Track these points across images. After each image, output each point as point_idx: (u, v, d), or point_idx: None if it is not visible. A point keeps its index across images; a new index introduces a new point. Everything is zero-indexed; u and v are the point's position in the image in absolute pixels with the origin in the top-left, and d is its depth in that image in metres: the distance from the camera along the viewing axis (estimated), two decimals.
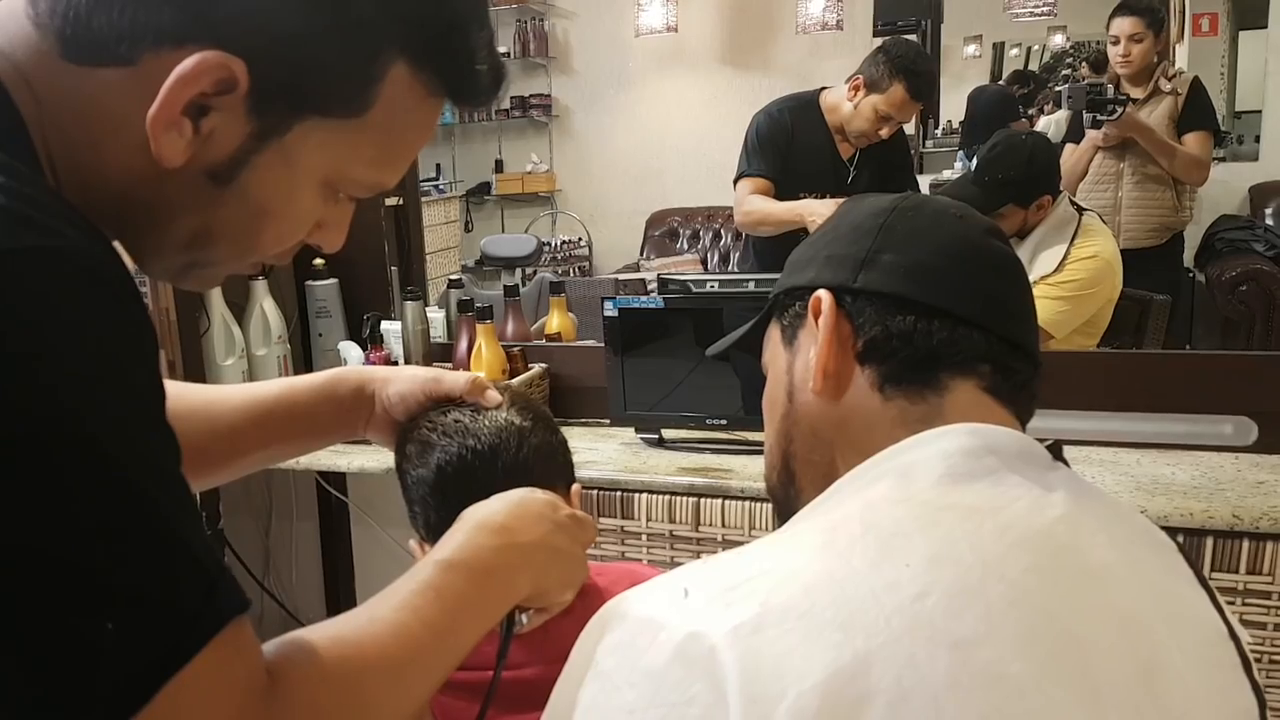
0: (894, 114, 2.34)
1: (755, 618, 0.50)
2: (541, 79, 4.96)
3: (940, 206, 0.70)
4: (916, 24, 4.34)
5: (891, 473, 0.60)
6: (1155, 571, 0.60)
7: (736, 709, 0.48)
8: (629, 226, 4.50)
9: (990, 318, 0.64)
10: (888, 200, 0.70)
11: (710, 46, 4.52)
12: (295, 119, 0.57)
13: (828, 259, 0.68)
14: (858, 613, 0.50)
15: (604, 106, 4.84)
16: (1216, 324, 2.93)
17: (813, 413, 0.67)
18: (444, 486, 0.86)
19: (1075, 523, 0.57)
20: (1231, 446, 1.63)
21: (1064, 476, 0.61)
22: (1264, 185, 3.29)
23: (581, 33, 4.87)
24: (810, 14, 4.16)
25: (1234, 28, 3.57)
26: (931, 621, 0.50)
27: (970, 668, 0.49)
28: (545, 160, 5.04)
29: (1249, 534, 1.38)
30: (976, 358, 0.63)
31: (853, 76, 2.39)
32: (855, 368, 0.65)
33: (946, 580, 0.52)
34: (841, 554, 0.53)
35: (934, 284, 0.64)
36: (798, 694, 0.48)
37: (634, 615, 0.55)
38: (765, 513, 1.60)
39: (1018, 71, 4.41)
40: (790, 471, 0.70)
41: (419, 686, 0.67)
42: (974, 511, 0.56)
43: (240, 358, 2.00)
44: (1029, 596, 0.52)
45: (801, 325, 0.69)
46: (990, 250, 0.67)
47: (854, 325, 0.65)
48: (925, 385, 0.63)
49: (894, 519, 0.56)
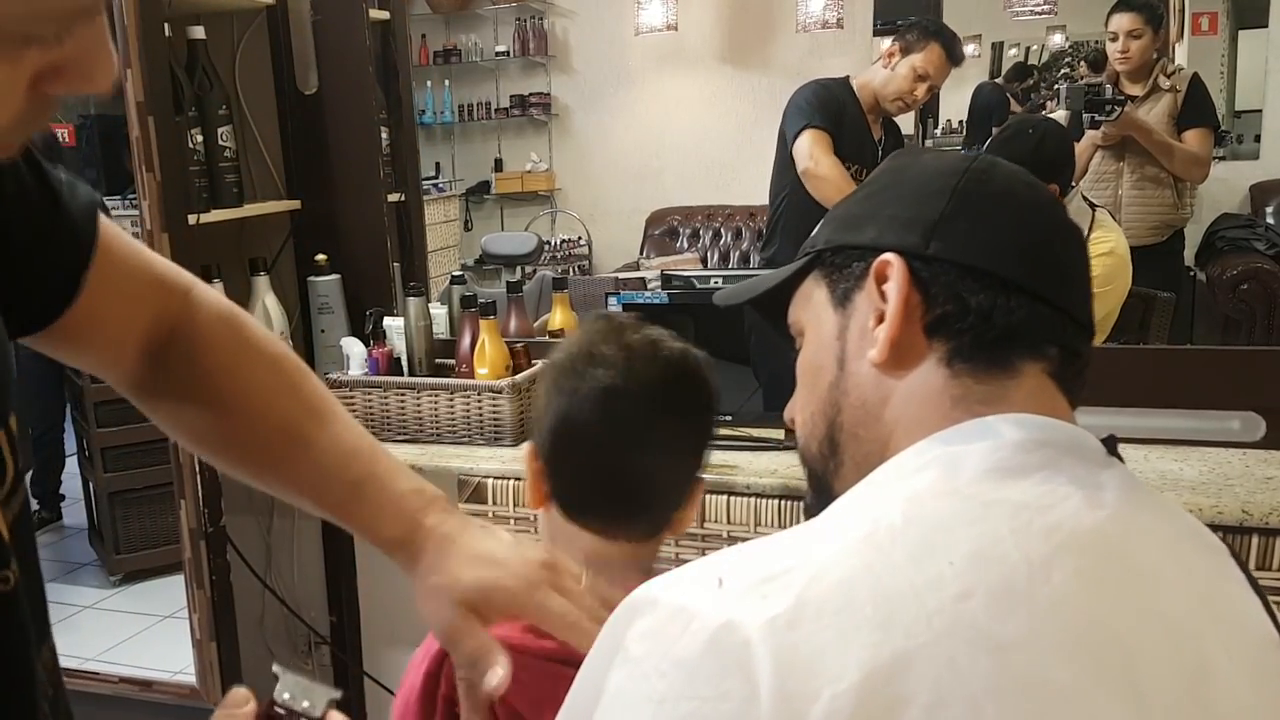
0: (931, 73, 2.45)
1: (791, 611, 0.49)
2: (541, 78, 4.95)
3: (1012, 171, 0.66)
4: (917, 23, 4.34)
5: (938, 462, 0.57)
6: (1205, 574, 0.58)
7: (768, 706, 0.47)
8: (629, 225, 4.49)
9: (1066, 297, 0.61)
10: (957, 160, 0.65)
11: (710, 45, 4.51)
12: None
13: (891, 219, 0.64)
14: (898, 611, 0.48)
15: (604, 105, 4.82)
16: (1217, 322, 2.93)
17: (866, 383, 0.64)
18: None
19: (1125, 522, 0.55)
20: (1239, 442, 1.63)
21: (1117, 474, 0.59)
22: (1264, 184, 3.30)
23: (581, 31, 4.85)
24: (810, 12, 4.15)
25: (1234, 27, 3.57)
26: (974, 623, 0.48)
27: (1012, 672, 0.48)
28: (545, 159, 5.02)
29: (1258, 529, 1.38)
30: (1049, 339, 0.61)
31: (886, 49, 2.50)
32: (922, 340, 0.61)
33: (991, 580, 0.50)
34: (881, 547, 0.51)
35: (1014, 257, 0.61)
36: (832, 695, 0.46)
37: (666, 602, 0.53)
38: (770, 509, 1.60)
39: (1018, 65, 4.41)
40: (834, 443, 0.66)
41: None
42: (1022, 508, 0.53)
43: None
44: (1075, 600, 0.51)
45: (859, 288, 0.64)
46: (1062, 222, 0.64)
47: (924, 295, 0.61)
48: (995, 365, 0.60)
49: (938, 512, 0.54)
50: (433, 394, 1.90)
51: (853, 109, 2.51)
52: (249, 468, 0.81)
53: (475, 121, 5.12)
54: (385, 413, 1.93)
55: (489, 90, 5.10)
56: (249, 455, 0.80)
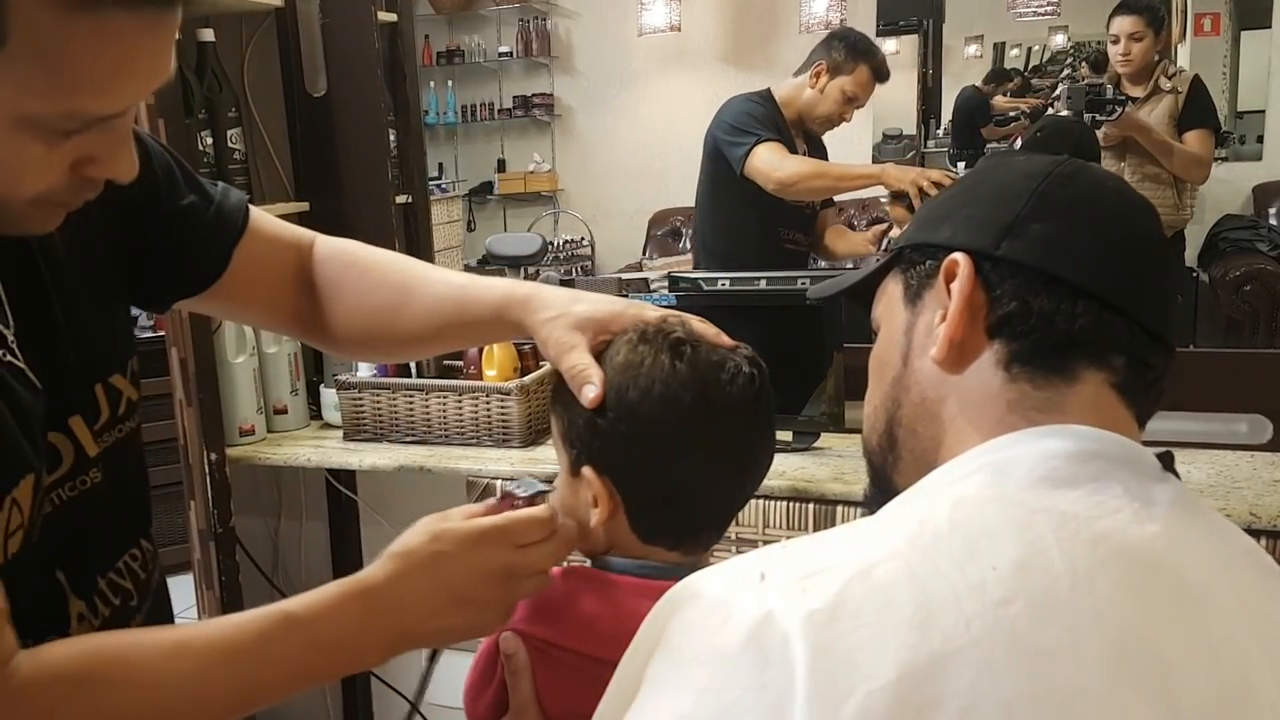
0: (859, 95, 2.46)
1: (831, 607, 0.49)
2: (544, 78, 4.95)
3: (1099, 177, 0.65)
4: (918, 23, 4.34)
5: (987, 468, 0.57)
6: (1259, 596, 0.57)
7: (801, 700, 0.47)
8: (631, 226, 4.49)
9: (1138, 307, 0.60)
10: (1043, 163, 0.65)
11: (713, 46, 4.51)
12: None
13: (968, 219, 0.63)
14: (937, 613, 0.48)
15: (606, 106, 4.82)
16: (1220, 323, 2.93)
17: (926, 380, 0.64)
18: None
19: (1175, 539, 0.55)
20: (1247, 445, 1.64)
21: (1171, 489, 0.58)
22: (1267, 185, 3.30)
23: (584, 32, 4.85)
24: (813, 13, 4.16)
25: (1236, 28, 3.57)
26: (1013, 629, 0.48)
27: (1049, 680, 0.47)
28: (547, 160, 5.02)
29: (1267, 532, 1.39)
30: (1115, 349, 0.60)
31: (809, 65, 2.46)
32: (984, 341, 0.61)
33: (1033, 588, 0.50)
34: (925, 550, 0.52)
35: (1085, 263, 0.60)
36: (866, 693, 0.46)
37: (707, 595, 0.53)
38: (779, 511, 1.60)
39: (996, 69, 4.38)
40: (893, 438, 0.66)
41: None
42: (1069, 518, 0.53)
43: (251, 355, 2.00)
44: (1116, 610, 0.50)
45: (929, 286, 0.64)
46: (1147, 232, 0.63)
47: (989, 296, 0.61)
48: (1054, 371, 0.59)
49: (984, 518, 0.53)
50: (441, 396, 1.91)
51: (780, 124, 2.48)
52: (384, 324, 1.00)
53: (478, 122, 5.12)
54: (394, 414, 1.93)
55: (492, 91, 5.10)
56: (381, 317, 1.00)
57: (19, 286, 0.76)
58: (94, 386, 0.83)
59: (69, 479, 0.79)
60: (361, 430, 1.96)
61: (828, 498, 1.57)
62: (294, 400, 2.08)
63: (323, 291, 1.01)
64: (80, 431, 0.80)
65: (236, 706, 0.71)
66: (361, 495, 2.25)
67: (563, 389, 0.84)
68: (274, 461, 1.97)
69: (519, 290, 0.93)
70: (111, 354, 0.85)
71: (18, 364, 0.73)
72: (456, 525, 0.78)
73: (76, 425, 0.80)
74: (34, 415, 0.73)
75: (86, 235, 0.81)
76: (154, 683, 0.68)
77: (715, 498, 0.83)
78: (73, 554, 0.79)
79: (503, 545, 0.77)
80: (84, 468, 0.80)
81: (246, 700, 0.72)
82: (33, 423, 0.73)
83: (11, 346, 0.73)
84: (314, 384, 2.14)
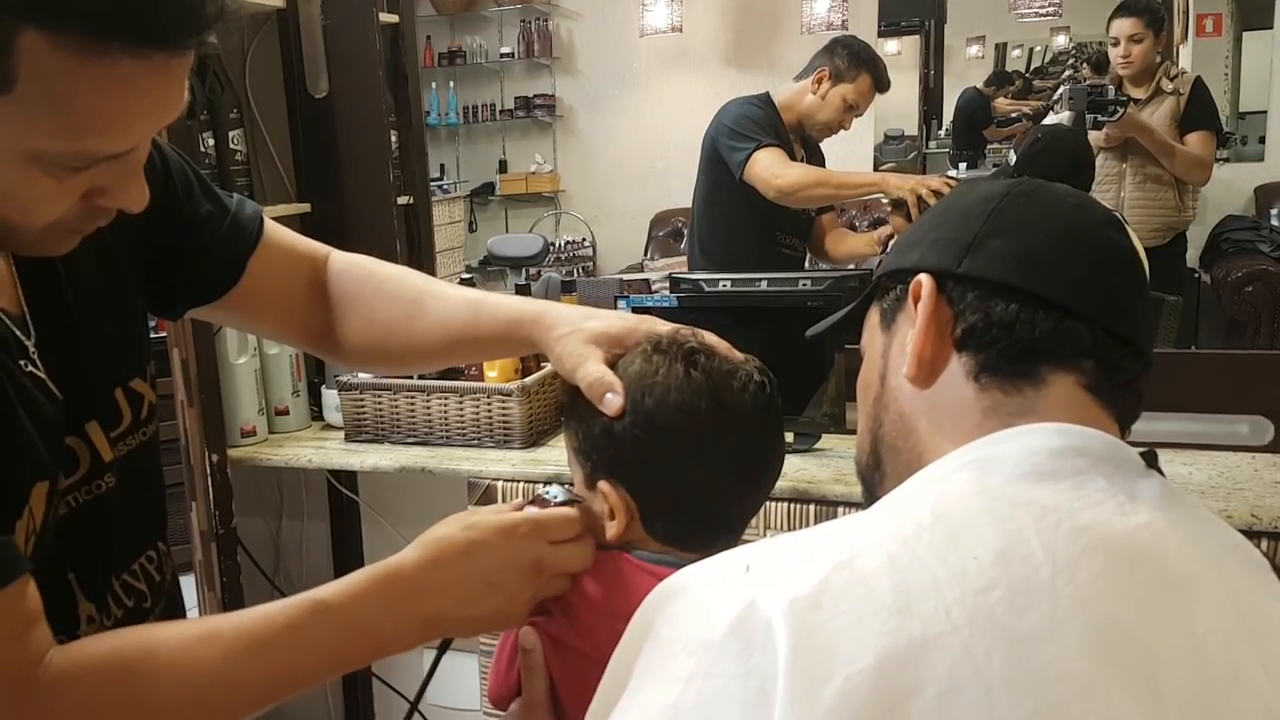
0: (860, 103, 2.45)
1: (813, 594, 0.50)
2: (545, 79, 4.96)
3: (1057, 194, 0.67)
4: (920, 24, 4.35)
5: (971, 465, 0.58)
6: (1244, 588, 0.58)
7: (784, 684, 0.48)
8: (633, 227, 4.49)
9: (1099, 311, 0.62)
10: (1002, 185, 0.68)
11: (715, 46, 4.52)
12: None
13: (934, 242, 0.66)
14: (917, 600, 0.49)
15: (608, 107, 4.83)
16: (1222, 324, 2.94)
17: (902, 398, 0.66)
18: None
19: (1159, 532, 0.55)
20: (1248, 446, 1.64)
21: (1155, 485, 0.59)
22: (1269, 186, 3.31)
23: (586, 33, 4.86)
24: (815, 14, 4.16)
25: (1238, 28, 3.58)
26: (993, 615, 0.49)
27: (1029, 665, 0.48)
28: (549, 160, 5.03)
29: (1267, 533, 1.39)
30: (1080, 352, 0.61)
31: (811, 70, 2.46)
32: (952, 355, 0.63)
33: (1013, 576, 0.50)
34: (907, 541, 0.53)
35: (1041, 272, 0.62)
36: (846, 676, 0.47)
37: (694, 588, 0.55)
38: (780, 512, 1.60)
39: (998, 71, 4.40)
40: (879, 456, 0.69)
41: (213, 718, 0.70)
42: (1051, 510, 0.54)
43: (253, 356, 2.00)
44: (1099, 600, 0.51)
45: (900, 309, 0.67)
46: (1106, 241, 0.65)
47: (954, 311, 0.63)
48: (1022, 377, 0.61)
49: (966, 511, 0.55)
50: (442, 397, 1.91)
51: (779, 129, 2.48)
52: (397, 336, 1.00)
53: (480, 123, 5.14)
54: (395, 415, 1.94)
55: (493, 92, 5.11)
56: (394, 328, 1.00)
57: (40, 294, 0.77)
58: (114, 391, 0.84)
59: (84, 483, 0.80)
60: (363, 431, 1.96)
61: (829, 499, 1.57)
62: (295, 401, 2.08)
63: (336, 303, 1.02)
64: (97, 437, 0.81)
65: (268, 692, 0.72)
66: (363, 496, 2.25)
67: (576, 403, 0.84)
68: (275, 462, 1.97)
69: (532, 308, 0.94)
70: (130, 358, 0.87)
71: (38, 374, 0.74)
72: (491, 516, 0.79)
73: (93, 431, 0.81)
74: (53, 423, 0.74)
75: (106, 241, 0.81)
76: (185, 671, 0.68)
77: (728, 504, 0.84)
78: (85, 556, 0.80)
79: (535, 538, 0.78)
80: (99, 473, 0.81)
81: (278, 686, 0.72)
82: (51, 431, 0.74)
83: (33, 357, 0.75)
84: (315, 385, 2.14)
